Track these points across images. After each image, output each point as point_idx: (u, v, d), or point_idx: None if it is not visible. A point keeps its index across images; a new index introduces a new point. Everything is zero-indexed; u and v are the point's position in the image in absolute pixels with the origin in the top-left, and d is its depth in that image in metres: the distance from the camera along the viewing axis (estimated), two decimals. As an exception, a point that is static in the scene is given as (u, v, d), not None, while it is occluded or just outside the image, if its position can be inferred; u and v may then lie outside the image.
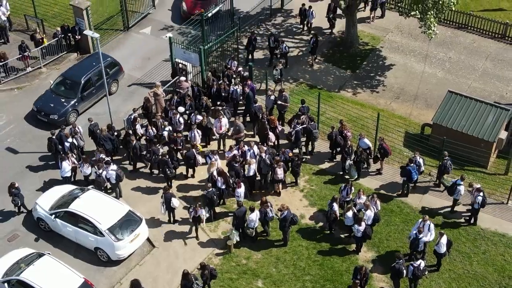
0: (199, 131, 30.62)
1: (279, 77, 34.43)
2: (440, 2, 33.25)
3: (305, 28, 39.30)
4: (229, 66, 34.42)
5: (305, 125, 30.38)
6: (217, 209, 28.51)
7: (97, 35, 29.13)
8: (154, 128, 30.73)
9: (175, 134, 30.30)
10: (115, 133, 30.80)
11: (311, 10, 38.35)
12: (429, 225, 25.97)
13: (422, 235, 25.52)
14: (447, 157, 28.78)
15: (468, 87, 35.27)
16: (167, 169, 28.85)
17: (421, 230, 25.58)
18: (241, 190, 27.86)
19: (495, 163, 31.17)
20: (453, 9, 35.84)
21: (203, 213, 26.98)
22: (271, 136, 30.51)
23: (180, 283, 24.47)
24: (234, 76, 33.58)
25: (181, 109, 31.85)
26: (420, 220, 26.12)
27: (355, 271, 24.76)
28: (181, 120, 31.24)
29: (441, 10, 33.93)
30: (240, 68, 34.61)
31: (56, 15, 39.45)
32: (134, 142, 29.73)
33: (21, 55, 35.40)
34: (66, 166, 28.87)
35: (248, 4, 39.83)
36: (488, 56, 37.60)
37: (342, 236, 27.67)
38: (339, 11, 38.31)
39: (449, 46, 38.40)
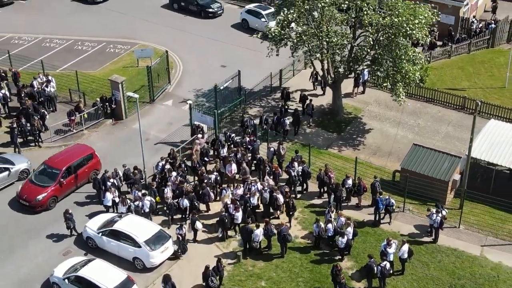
0: (218, 176, 38.26)
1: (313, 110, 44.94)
2: (407, 76, 41.72)
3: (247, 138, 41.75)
4: (207, 160, 40.15)
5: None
6: (229, 233, 35.79)
7: (137, 95, 37.06)
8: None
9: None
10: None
11: (252, 121, 43.05)
12: (394, 242, 33.24)
13: (390, 247, 32.63)
14: (377, 179, 37.05)
15: (433, 145, 42.96)
16: (194, 202, 36.39)
17: (390, 242, 32.71)
18: (239, 214, 35.23)
19: (452, 201, 38.61)
20: (421, 85, 44.47)
21: None
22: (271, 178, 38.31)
23: (202, 274, 31.66)
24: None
25: (173, 173, 38.34)
26: (390, 237, 33.36)
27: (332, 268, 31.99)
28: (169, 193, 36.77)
29: (408, 83, 42.46)
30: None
31: (94, 90, 47.96)
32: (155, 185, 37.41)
33: (68, 119, 43.61)
34: (108, 195, 36.43)
35: (252, 82, 48.42)
36: (450, 123, 45.72)
37: (327, 251, 34.87)
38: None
39: (418, 115, 46.61)
